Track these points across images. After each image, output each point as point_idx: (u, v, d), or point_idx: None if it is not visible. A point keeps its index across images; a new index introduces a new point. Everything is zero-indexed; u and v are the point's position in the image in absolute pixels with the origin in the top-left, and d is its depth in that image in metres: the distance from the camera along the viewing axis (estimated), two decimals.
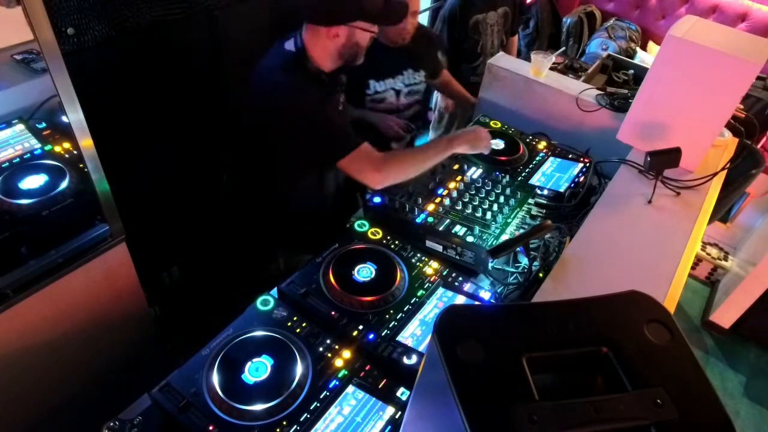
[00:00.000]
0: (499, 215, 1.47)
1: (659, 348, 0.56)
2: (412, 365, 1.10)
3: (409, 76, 2.01)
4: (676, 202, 1.58)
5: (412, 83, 2.03)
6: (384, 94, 1.98)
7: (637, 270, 1.34)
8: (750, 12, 3.48)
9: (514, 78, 2.08)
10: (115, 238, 1.37)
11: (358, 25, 1.42)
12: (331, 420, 1.00)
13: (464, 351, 0.54)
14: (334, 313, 1.20)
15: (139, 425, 0.98)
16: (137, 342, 1.62)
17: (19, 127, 1.41)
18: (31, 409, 1.40)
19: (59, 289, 1.29)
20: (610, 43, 3.67)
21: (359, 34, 1.45)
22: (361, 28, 1.43)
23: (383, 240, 1.40)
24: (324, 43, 1.44)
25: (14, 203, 1.27)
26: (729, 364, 2.74)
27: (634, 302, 0.61)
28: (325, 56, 1.47)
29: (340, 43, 1.44)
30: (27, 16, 0.99)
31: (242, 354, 1.07)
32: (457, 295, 1.28)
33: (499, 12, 2.61)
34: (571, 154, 1.83)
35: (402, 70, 1.98)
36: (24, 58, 1.39)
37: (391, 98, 2.00)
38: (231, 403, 0.99)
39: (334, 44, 1.44)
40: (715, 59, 1.49)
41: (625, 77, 2.63)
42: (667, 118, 1.67)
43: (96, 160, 1.24)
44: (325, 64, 1.49)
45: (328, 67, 1.50)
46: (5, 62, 1.39)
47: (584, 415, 0.50)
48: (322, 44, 1.44)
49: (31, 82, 1.37)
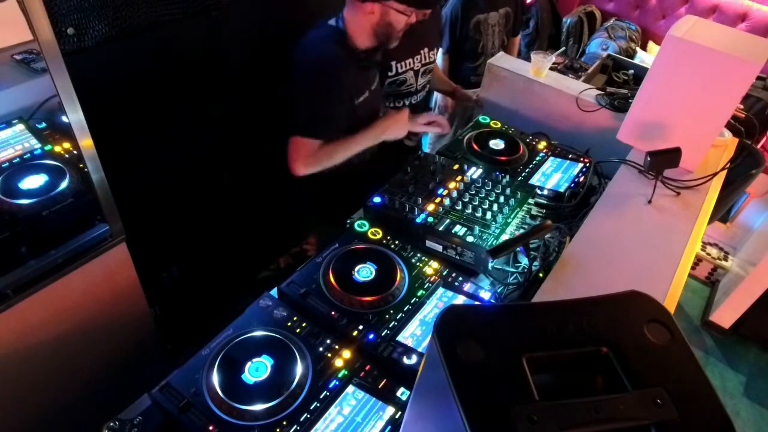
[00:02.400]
0: (499, 215, 1.46)
1: (659, 348, 0.56)
2: (412, 365, 1.09)
3: (425, 54, 1.99)
4: (676, 202, 1.58)
5: (427, 62, 2.01)
6: (405, 75, 1.96)
7: (637, 270, 1.34)
8: (750, 12, 3.48)
9: (514, 78, 2.08)
10: (115, 238, 1.37)
11: (391, 4, 1.53)
12: (331, 420, 1.00)
13: (464, 351, 0.54)
14: (334, 313, 1.19)
15: (139, 425, 0.98)
16: (137, 342, 1.62)
17: (19, 127, 1.41)
18: (31, 409, 1.40)
19: (59, 289, 1.29)
20: (610, 43, 3.67)
21: (393, 15, 1.55)
22: (394, 8, 1.54)
23: (383, 240, 1.40)
24: (360, 20, 1.56)
25: (14, 203, 1.27)
26: (729, 364, 2.74)
27: (634, 302, 0.61)
28: (361, 33, 1.59)
29: (374, 21, 1.56)
30: (27, 16, 0.99)
31: (242, 354, 1.07)
32: (457, 295, 1.28)
33: (501, 12, 2.61)
34: (571, 154, 1.83)
35: (420, 49, 1.96)
36: (24, 58, 1.38)
37: (411, 79, 1.98)
38: (231, 403, 0.99)
39: (369, 21, 1.56)
40: (715, 59, 1.49)
41: (625, 77, 2.63)
42: (667, 118, 1.67)
43: (96, 160, 1.24)
44: (360, 40, 1.60)
45: (364, 44, 1.61)
46: (5, 62, 1.38)
47: (584, 415, 0.50)
48: (359, 20, 1.57)
49: (31, 82, 1.37)
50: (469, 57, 2.64)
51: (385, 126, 1.72)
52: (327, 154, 1.61)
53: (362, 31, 1.59)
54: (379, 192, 1.54)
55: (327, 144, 1.61)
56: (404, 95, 2.00)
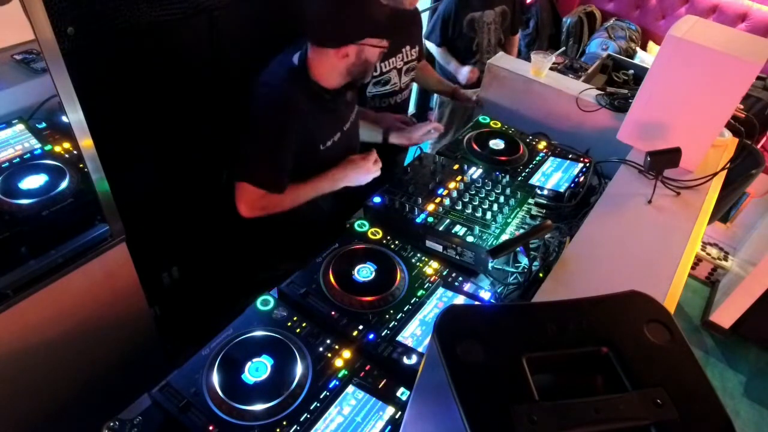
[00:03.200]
0: (499, 215, 1.46)
1: (659, 348, 0.56)
2: (412, 365, 1.10)
3: (407, 52, 1.99)
4: (676, 202, 1.58)
5: (409, 60, 2.02)
6: (389, 74, 1.96)
7: (637, 270, 1.34)
8: (750, 12, 3.48)
9: (514, 78, 2.08)
10: (115, 238, 1.37)
11: (367, 42, 1.39)
12: (331, 420, 1.00)
13: (464, 351, 0.54)
14: (334, 313, 1.20)
15: (139, 425, 0.98)
16: (137, 342, 1.62)
17: (19, 127, 1.41)
18: (31, 409, 1.40)
19: (59, 289, 1.29)
20: (610, 43, 3.67)
21: (369, 51, 1.42)
22: (370, 44, 1.40)
23: (383, 240, 1.40)
24: (332, 63, 1.41)
25: (14, 203, 1.27)
26: (729, 364, 2.74)
27: (634, 302, 0.61)
28: (332, 75, 1.44)
29: (350, 62, 1.41)
30: (27, 16, 0.99)
31: (242, 354, 1.07)
32: (457, 295, 1.28)
33: (497, 11, 2.61)
34: (571, 154, 1.83)
35: (401, 47, 1.96)
36: (24, 58, 1.38)
37: (395, 78, 1.98)
38: (231, 403, 0.99)
39: (343, 64, 1.41)
40: (715, 59, 1.49)
41: (625, 77, 2.63)
42: (667, 118, 1.67)
43: (96, 160, 1.24)
44: (329, 82, 1.46)
45: (333, 85, 1.47)
46: (5, 62, 1.38)
47: (584, 415, 0.50)
48: (330, 63, 1.41)
49: (31, 82, 1.37)
50: (464, 55, 2.64)
51: (345, 173, 1.56)
52: (274, 201, 1.47)
53: (333, 73, 1.44)
54: (379, 192, 1.54)
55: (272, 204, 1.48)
56: (389, 95, 2.00)
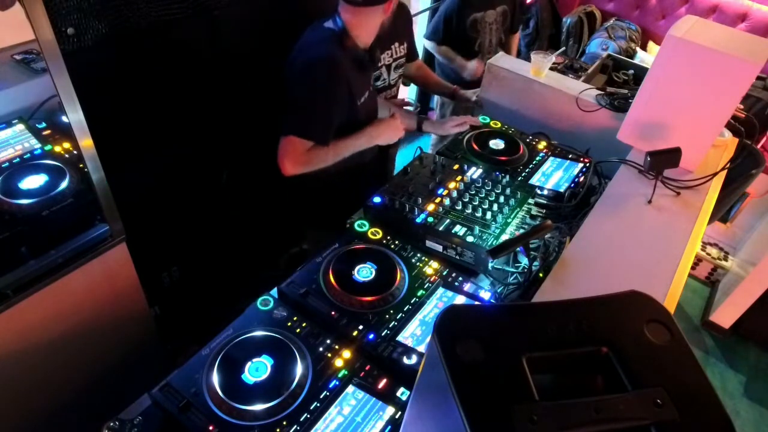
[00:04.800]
0: (499, 215, 1.46)
1: (659, 348, 0.56)
2: (412, 365, 1.09)
3: (396, 49, 2.01)
4: (676, 202, 1.58)
5: (398, 56, 2.03)
6: (380, 70, 1.98)
7: (637, 270, 1.34)
8: (750, 12, 3.48)
9: (514, 78, 2.08)
10: (115, 239, 1.37)
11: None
12: (331, 420, 1.00)
13: (464, 351, 0.54)
14: (334, 313, 1.19)
15: (139, 425, 0.98)
16: (137, 342, 1.62)
17: (19, 127, 1.41)
18: (31, 409, 1.40)
19: (59, 289, 1.29)
20: (610, 43, 3.67)
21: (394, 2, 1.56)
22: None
23: (383, 240, 1.40)
24: (371, 20, 1.54)
25: (14, 203, 1.27)
26: (729, 364, 2.74)
27: (634, 302, 0.61)
28: (371, 32, 1.58)
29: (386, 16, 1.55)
30: (27, 16, 0.99)
31: (242, 354, 1.07)
32: (457, 295, 1.28)
33: (498, 11, 2.61)
34: (571, 154, 1.83)
35: (391, 44, 1.98)
36: (24, 58, 1.38)
37: (385, 74, 2.01)
38: (231, 403, 0.99)
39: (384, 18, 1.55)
40: (715, 59, 1.49)
41: (625, 77, 2.63)
42: (667, 118, 1.67)
43: (96, 160, 1.24)
44: (366, 40, 1.58)
45: (367, 43, 1.60)
46: (5, 62, 1.38)
47: (584, 415, 0.50)
48: (374, 22, 1.55)
49: (31, 82, 1.37)
50: (464, 55, 2.64)
51: (379, 131, 1.69)
52: (318, 155, 1.57)
53: (371, 30, 1.57)
54: (379, 192, 1.54)
55: (319, 146, 1.58)
56: (379, 91, 2.02)
